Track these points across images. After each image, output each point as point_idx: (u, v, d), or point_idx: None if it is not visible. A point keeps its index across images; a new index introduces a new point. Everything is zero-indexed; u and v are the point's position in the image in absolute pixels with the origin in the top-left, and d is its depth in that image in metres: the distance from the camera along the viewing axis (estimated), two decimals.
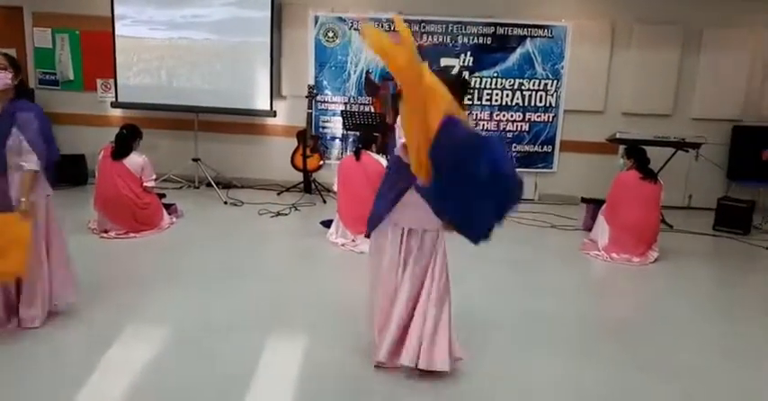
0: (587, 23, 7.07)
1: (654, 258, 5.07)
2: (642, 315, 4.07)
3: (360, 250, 4.93)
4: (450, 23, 7.11)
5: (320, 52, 7.24)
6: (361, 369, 2.93)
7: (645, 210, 5.04)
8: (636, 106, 7.19)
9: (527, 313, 3.80)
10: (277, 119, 7.27)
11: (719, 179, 7.25)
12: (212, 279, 4.13)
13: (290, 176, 7.13)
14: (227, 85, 7.09)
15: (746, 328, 3.80)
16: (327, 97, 7.34)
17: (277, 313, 3.59)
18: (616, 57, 7.13)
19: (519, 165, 7.37)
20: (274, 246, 5.26)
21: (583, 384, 2.93)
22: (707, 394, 2.86)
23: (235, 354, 3.01)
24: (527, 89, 7.23)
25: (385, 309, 2.88)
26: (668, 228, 6.08)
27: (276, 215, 6.06)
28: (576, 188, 7.20)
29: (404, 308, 2.82)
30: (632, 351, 3.34)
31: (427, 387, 2.81)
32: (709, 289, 4.74)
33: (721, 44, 7.04)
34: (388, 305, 2.86)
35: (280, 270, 4.54)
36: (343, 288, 4.22)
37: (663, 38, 7.05)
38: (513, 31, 7.13)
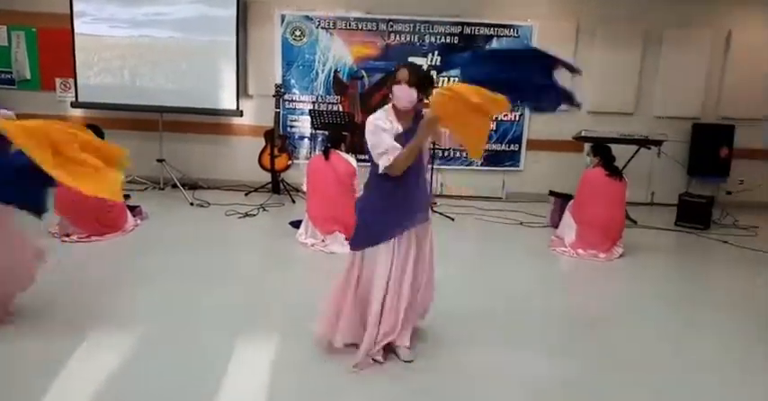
0: (552, 23, 7.17)
1: (619, 254, 5.17)
2: (608, 309, 4.15)
3: (330, 250, 4.90)
4: (417, 23, 7.12)
5: (287, 51, 7.17)
6: (335, 368, 2.91)
7: (611, 207, 5.14)
8: (600, 105, 7.33)
9: (495, 308, 3.83)
10: (244, 118, 7.18)
11: (680, 175, 7.44)
12: (179, 282, 4.05)
13: (258, 176, 7.05)
14: (193, 85, 6.97)
15: (708, 319, 3.90)
16: (295, 96, 7.28)
17: (247, 315, 3.54)
18: (580, 56, 7.24)
19: (486, 164, 7.45)
20: (243, 248, 5.19)
21: (550, 377, 2.97)
22: (671, 384, 2.92)
23: (204, 358, 2.95)
24: None
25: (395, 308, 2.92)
26: (632, 224, 6.21)
27: (244, 216, 5.98)
28: (543, 186, 7.28)
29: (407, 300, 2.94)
30: (599, 344, 3.40)
31: (397, 383, 2.80)
32: (672, 282, 4.86)
33: (681, 44, 7.22)
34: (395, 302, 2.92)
35: (249, 271, 4.48)
36: (314, 288, 4.18)
37: (625, 38, 7.20)
38: (479, 31, 7.18)
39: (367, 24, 7.12)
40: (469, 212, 6.56)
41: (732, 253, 5.58)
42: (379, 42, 7.16)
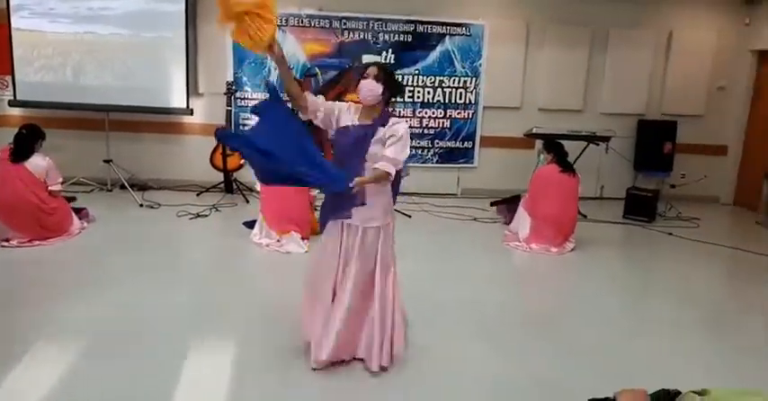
0: (503, 23, 7.28)
1: (571, 248, 5.31)
2: (560, 301, 4.25)
3: (285, 250, 4.85)
4: (371, 20, 7.11)
5: (238, 48, 7.03)
6: (292, 370, 2.88)
7: (564, 203, 5.26)
8: (550, 102, 7.49)
9: (450, 302, 3.88)
10: (194, 117, 7.02)
11: (627, 170, 7.69)
12: (129, 286, 3.93)
13: (210, 176, 6.90)
14: (140, 83, 6.76)
15: (656, 307, 4.05)
16: (247, 94, 7.15)
17: (200, 319, 3.46)
18: (531, 55, 7.39)
19: (441, 161, 7.51)
20: (195, 249, 5.07)
21: (508, 369, 3.02)
22: (622, 371, 3.01)
23: (156, 366, 2.87)
24: (447, 86, 7.36)
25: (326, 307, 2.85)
26: (583, 218, 6.37)
27: (196, 216, 5.84)
28: (497, 182, 7.41)
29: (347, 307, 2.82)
30: (552, 335, 3.49)
31: (352, 381, 2.80)
32: (620, 274, 5.02)
33: (626, 44, 7.45)
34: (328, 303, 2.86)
35: (201, 274, 4.38)
36: (269, 289, 4.14)
37: (573, 38, 7.37)
38: (432, 29, 7.22)
39: (320, 21, 7.06)
40: (425, 209, 6.61)
41: (676, 244, 5.80)
42: (332, 40, 7.11)
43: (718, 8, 7.49)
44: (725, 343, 3.54)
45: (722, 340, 3.59)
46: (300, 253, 4.81)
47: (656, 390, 1.26)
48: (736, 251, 5.60)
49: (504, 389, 2.86)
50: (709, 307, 4.19)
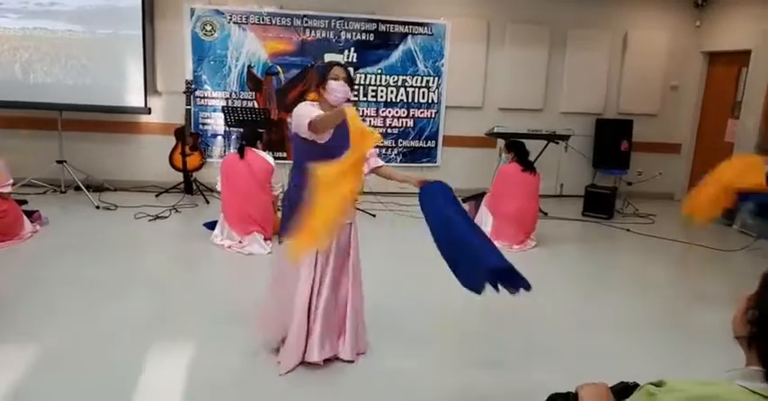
0: (464, 22, 7.34)
1: (532, 245, 5.39)
2: (521, 297, 4.31)
3: (248, 251, 4.78)
4: (332, 19, 7.07)
5: (198, 46, 6.91)
6: (255, 373, 2.83)
7: (525, 201, 5.34)
8: (511, 102, 7.59)
9: (413, 300, 3.89)
10: (152, 116, 6.85)
11: (586, 168, 7.86)
12: (84, 291, 3.80)
13: (169, 176, 6.75)
14: (95, 81, 6.55)
15: (615, 302, 4.15)
16: (207, 92, 7.02)
17: (161, 324, 3.38)
18: (492, 55, 7.47)
19: (405, 160, 7.53)
20: (155, 252, 4.95)
21: (467, 366, 3.04)
22: (583, 365, 3.06)
23: (114, 375, 2.78)
24: (410, 86, 7.38)
25: (301, 308, 2.83)
26: (543, 216, 6.48)
27: (155, 218, 5.70)
28: (460, 181, 7.41)
29: (324, 306, 2.85)
30: (513, 331, 3.53)
31: (313, 384, 2.77)
32: (580, 269, 5.13)
33: (583, 44, 7.61)
34: (304, 304, 2.84)
35: (162, 277, 4.28)
36: (232, 292, 4.07)
37: (533, 37, 7.49)
38: (394, 28, 7.23)
39: (281, 20, 6.99)
40: (390, 208, 6.61)
41: (633, 239, 5.96)
42: (294, 38, 7.05)
43: (670, 10, 7.72)
44: (680, 334, 3.66)
45: (677, 332, 3.71)
46: (263, 254, 4.75)
47: (616, 383, 1.28)
48: (690, 245, 5.79)
49: (467, 386, 2.88)
50: (665, 300, 4.32)
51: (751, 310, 0.97)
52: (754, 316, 0.96)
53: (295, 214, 2.61)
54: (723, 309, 1.25)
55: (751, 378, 0.96)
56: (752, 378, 0.96)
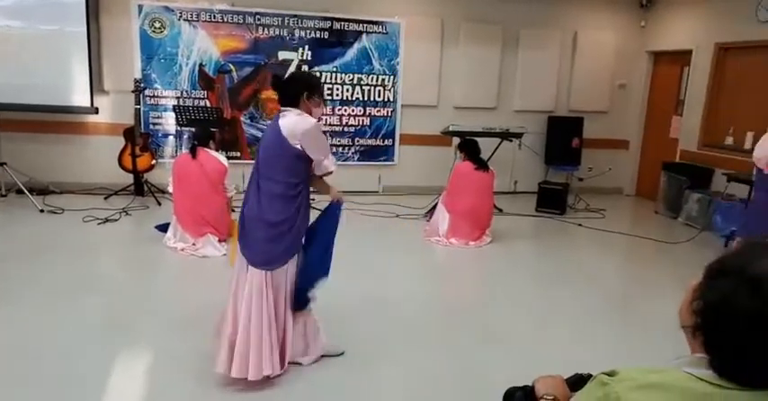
0: (419, 21, 7.38)
1: (488, 241, 5.47)
2: (478, 293, 4.37)
3: (202, 254, 4.69)
4: (285, 16, 6.99)
5: (146, 43, 6.71)
6: (213, 379, 2.77)
7: (480, 198, 5.42)
8: (465, 100, 7.67)
9: (372, 298, 3.88)
10: (100, 116, 6.63)
11: (539, 165, 8.02)
12: (29, 298, 3.64)
13: (119, 178, 6.54)
14: (37, 79, 6.28)
15: (567, 295, 4.25)
16: (157, 91, 6.84)
17: (113, 331, 3.27)
18: (446, 53, 7.53)
19: (362, 159, 7.52)
20: (104, 256, 4.79)
21: (426, 361, 3.06)
22: (539, 358, 3.13)
23: (62, 384, 2.68)
24: (366, 84, 7.37)
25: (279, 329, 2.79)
26: (498, 212, 6.58)
27: (104, 221, 5.52)
28: (417, 179, 7.52)
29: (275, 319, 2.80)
30: (471, 326, 3.58)
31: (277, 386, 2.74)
32: (535, 264, 5.23)
33: (535, 43, 7.76)
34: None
35: (112, 282, 4.14)
36: (187, 296, 3.98)
37: (486, 36, 7.59)
38: (349, 27, 7.20)
39: (233, 17, 6.86)
40: (347, 207, 6.57)
41: (585, 234, 6.12)
42: (246, 36, 6.93)
43: (617, 11, 7.95)
44: (630, 324, 3.77)
45: (627, 322, 3.83)
46: (218, 257, 4.66)
47: (570, 375, 1.30)
48: (638, 239, 5.98)
49: (427, 381, 2.90)
50: (616, 292, 4.45)
51: (696, 301, 0.99)
52: (698, 306, 0.98)
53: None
54: (670, 299, 1.29)
55: (697, 365, 0.98)
56: (698, 365, 0.98)
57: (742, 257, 0.98)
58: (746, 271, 0.94)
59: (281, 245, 2.70)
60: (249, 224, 2.73)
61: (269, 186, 2.67)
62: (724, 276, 0.97)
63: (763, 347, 0.91)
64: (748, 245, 1.01)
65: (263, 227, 2.69)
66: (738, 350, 0.93)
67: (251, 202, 2.72)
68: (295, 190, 2.70)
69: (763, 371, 0.93)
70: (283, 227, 2.68)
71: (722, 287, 0.96)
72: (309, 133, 2.66)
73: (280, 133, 2.63)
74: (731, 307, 0.93)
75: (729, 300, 0.94)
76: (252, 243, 2.72)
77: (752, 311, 0.91)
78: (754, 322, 0.91)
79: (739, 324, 0.92)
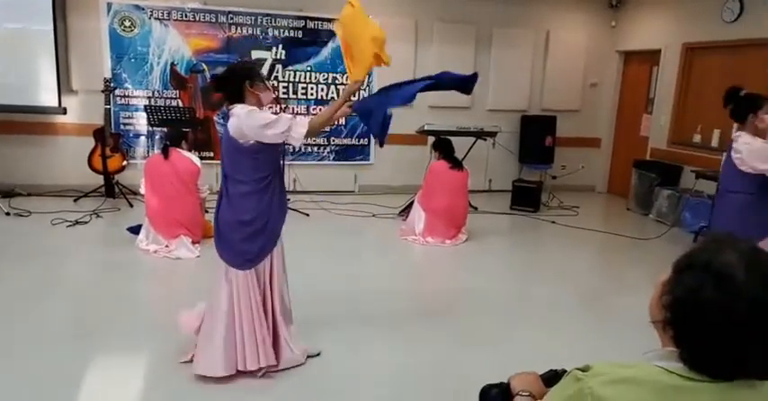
0: (393, 20, 7.37)
1: (464, 239, 5.50)
2: (454, 291, 4.39)
3: (175, 256, 4.62)
4: (259, 15, 6.93)
5: (116, 42, 6.59)
6: (187, 385, 2.73)
7: (454, 197, 5.45)
8: (440, 100, 7.64)
9: (349, 298, 3.88)
10: (68, 116, 6.48)
11: (513, 163, 8.09)
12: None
13: (89, 180, 6.41)
14: (2, 79, 6.12)
15: (541, 292, 4.30)
16: (128, 91, 6.72)
17: (82, 336, 3.20)
18: (420, 53, 7.55)
19: (338, 159, 7.50)
20: (75, 260, 4.68)
21: (403, 360, 3.07)
22: (514, 355, 3.15)
23: (28, 392, 2.61)
24: (341, 83, 7.34)
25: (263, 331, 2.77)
26: (474, 210, 6.63)
27: (74, 224, 5.40)
28: (393, 178, 7.52)
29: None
30: (447, 324, 3.59)
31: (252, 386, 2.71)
32: (509, 261, 5.29)
33: (508, 43, 7.83)
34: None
35: (83, 286, 4.05)
36: (160, 299, 3.92)
37: (459, 36, 7.63)
38: (323, 26, 7.17)
39: (205, 16, 6.78)
40: (323, 207, 6.56)
41: (559, 231, 6.20)
42: (219, 35, 6.85)
43: (588, 11, 8.07)
44: (602, 319, 3.83)
45: (600, 317, 3.88)
46: (192, 259, 4.60)
47: (545, 371, 1.32)
48: (611, 235, 6.08)
49: (404, 380, 2.90)
50: (589, 288, 4.51)
51: (665, 295, 1.01)
52: (668, 300, 1.00)
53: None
54: (641, 295, 1.31)
55: (667, 359, 1.00)
56: (668, 358, 1.00)
57: (707, 251, 1.00)
58: (712, 265, 0.96)
59: (257, 244, 2.70)
60: (224, 227, 2.74)
61: (238, 188, 2.67)
62: (691, 270, 0.99)
63: (730, 339, 0.93)
64: (713, 240, 1.04)
65: (237, 228, 2.69)
66: (707, 342, 0.95)
67: (223, 206, 2.73)
68: (264, 182, 2.68)
69: (732, 363, 0.95)
70: (257, 225, 2.68)
71: (689, 281, 0.98)
72: (253, 126, 2.59)
73: (231, 137, 2.63)
74: (698, 300, 0.95)
75: (696, 294, 0.96)
76: (228, 245, 2.73)
77: (718, 304, 0.93)
78: (721, 314, 0.93)
79: (707, 316, 0.94)
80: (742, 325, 0.92)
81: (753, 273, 0.94)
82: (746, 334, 0.92)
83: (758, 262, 0.96)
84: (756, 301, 0.92)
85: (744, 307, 0.92)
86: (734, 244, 1.00)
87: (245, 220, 2.67)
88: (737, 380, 0.96)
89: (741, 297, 0.92)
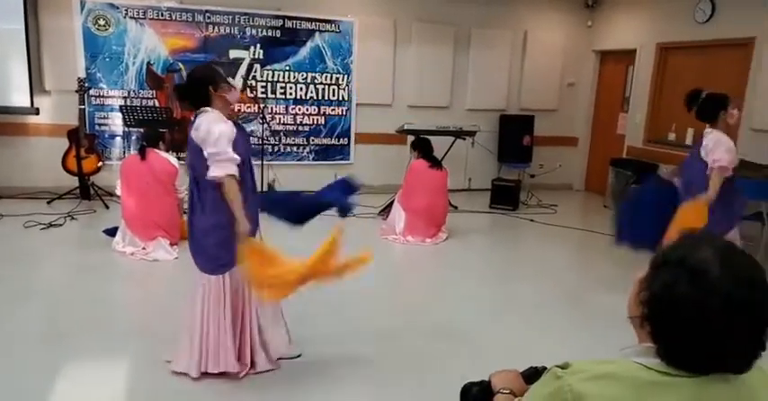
0: (372, 20, 7.38)
1: (444, 238, 5.52)
2: (435, 289, 4.41)
3: (153, 258, 4.56)
4: (236, 15, 6.87)
5: (90, 42, 6.48)
6: (166, 384, 2.70)
7: (434, 196, 5.47)
8: (419, 99, 7.72)
9: (328, 298, 3.85)
10: (41, 117, 6.35)
11: (492, 162, 8.14)
12: None
13: (63, 181, 6.29)
14: None
15: (520, 289, 4.33)
16: (103, 91, 6.61)
17: (60, 342, 3.13)
18: (399, 53, 7.56)
19: (317, 158, 7.47)
20: (49, 263, 4.59)
21: (383, 358, 3.07)
22: (494, 353, 3.17)
23: (6, 392, 2.55)
24: (320, 83, 7.32)
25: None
26: (454, 209, 6.65)
27: (48, 226, 5.30)
28: (373, 178, 7.49)
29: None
30: (427, 322, 3.61)
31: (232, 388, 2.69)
32: (489, 260, 5.32)
33: (486, 43, 7.87)
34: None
35: (58, 289, 3.97)
36: (138, 302, 3.87)
37: (438, 36, 7.65)
38: (301, 25, 7.14)
39: (181, 15, 6.70)
40: None
41: (537, 229, 6.25)
42: (196, 34, 6.78)
43: (564, 11, 8.15)
44: (581, 316, 3.87)
45: (579, 314, 3.92)
46: (170, 261, 4.55)
47: (525, 369, 1.33)
48: (588, 232, 6.15)
49: (385, 379, 2.90)
50: (567, 285, 4.56)
51: (642, 292, 1.02)
52: (645, 297, 1.01)
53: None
54: (619, 291, 1.33)
55: (645, 355, 1.02)
56: (646, 354, 1.02)
57: (682, 248, 1.01)
58: (687, 261, 0.98)
59: (231, 249, 2.66)
60: (197, 233, 2.73)
61: (210, 194, 2.64)
62: (666, 267, 1.00)
63: (704, 334, 0.94)
64: (688, 237, 1.06)
65: (211, 232, 2.68)
66: (682, 338, 0.96)
67: (197, 212, 2.70)
68: None
69: (707, 358, 0.97)
70: (233, 228, 2.63)
71: (665, 277, 0.99)
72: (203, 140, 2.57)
73: (196, 146, 2.62)
74: (674, 295, 0.97)
75: (672, 289, 0.97)
76: (202, 250, 2.72)
77: (693, 299, 0.95)
78: (696, 310, 0.94)
79: (681, 312, 0.96)
80: (716, 321, 0.94)
81: (727, 269, 0.95)
82: (720, 329, 0.94)
83: (732, 258, 0.98)
84: (730, 297, 0.93)
85: (718, 303, 0.93)
86: (709, 240, 1.02)
87: (221, 223, 2.64)
88: (713, 375, 0.98)
89: (715, 292, 0.94)
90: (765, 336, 0.96)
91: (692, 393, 0.97)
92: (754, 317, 0.95)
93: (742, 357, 0.98)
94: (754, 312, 0.95)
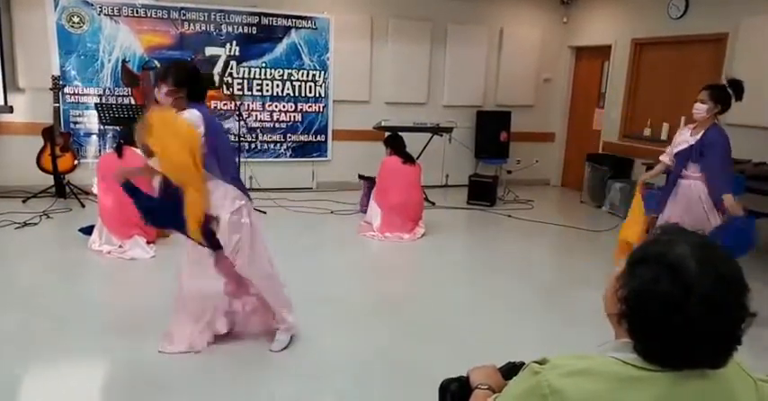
0: (348, 16, 7.36)
1: (421, 234, 5.57)
2: (413, 285, 4.46)
3: (129, 256, 4.52)
4: (212, 12, 6.80)
5: (64, 39, 6.36)
6: (148, 384, 2.69)
7: (408, 191, 5.53)
8: (396, 96, 7.73)
9: (308, 295, 3.86)
10: (15, 115, 6.24)
11: (469, 158, 8.20)
12: None
13: (38, 180, 6.19)
14: None
15: (497, 285, 4.39)
16: (78, 89, 6.51)
17: (37, 344, 3.09)
18: (376, 49, 7.56)
19: (295, 155, 7.46)
20: (24, 262, 4.52)
21: (364, 356, 3.10)
22: (472, 349, 3.22)
23: None
24: (296, 80, 7.29)
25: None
26: (431, 206, 6.70)
27: (22, 225, 5.22)
28: (351, 174, 7.50)
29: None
30: (406, 319, 3.65)
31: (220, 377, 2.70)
32: (466, 255, 5.39)
33: (463, 39, 7.91)
34: None
35: (33, 289, 3.91)
36: (115, 301, 3.83)
37: (415, 33, 7.67)
38: (277, 22, 7.10)
39: (156, 12, 6.61)
40: (281, 205, 6.51)
41: (515, 224, 6.33)
42: (172, 31, 6.70)
43: (540, 7, 8.23)
44: (557, 312, 3.93)
45: (555, 309, 3.98)
46: (146, 259, 4.51)
47: (503, 364, 1.35)
48: (565, 228, 6.25)
49: (364, 376, 2.93)
50: (544, 281, 4.64)
51: (621, 289, 1.04)
52: (623, 293, 1.02)
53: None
54: (595, 286, 1.37)
55: (622, 350, 1.03)
56: (623, 349, 1.03)
57: (661, 245, 1.02)
58: (665, 258, 0.99)
59: None
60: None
61: None
62: (645, 263, 1.01)
63: (683, 330, 0.96)
64: (666, 233, 1.06)
65: None
66: (661, 333, 0.97)
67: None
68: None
69: (685, 353, 0.98)
70: None
71: (644, 274, 1.00)
72: None
73: None
74: (653, 292, 0.98)
75: (650, 286, 0.98)
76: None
77: (671, 295, 0.96)
78: (674, 306, 0.95)
79: (660, 308, 0.96)
80: (693, 316, 0.95)
81: (704, 266, 0.96)
82: (697, 324, 0.95)
83: (708, 254, 0.99)
84: (706, 293, 0.95)
85: (695, 299, 0.94)
86: (685, 236, 1.03)
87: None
88: (690, 370, 0.99)
89: (693, 289, 0.95)
90: (741, 331, 0.98)
91: (669, 388, 0.98)
92: (729, 313, 0.96)
93: (719, 352, 0.98)
94: (730, 308, 0.96)
